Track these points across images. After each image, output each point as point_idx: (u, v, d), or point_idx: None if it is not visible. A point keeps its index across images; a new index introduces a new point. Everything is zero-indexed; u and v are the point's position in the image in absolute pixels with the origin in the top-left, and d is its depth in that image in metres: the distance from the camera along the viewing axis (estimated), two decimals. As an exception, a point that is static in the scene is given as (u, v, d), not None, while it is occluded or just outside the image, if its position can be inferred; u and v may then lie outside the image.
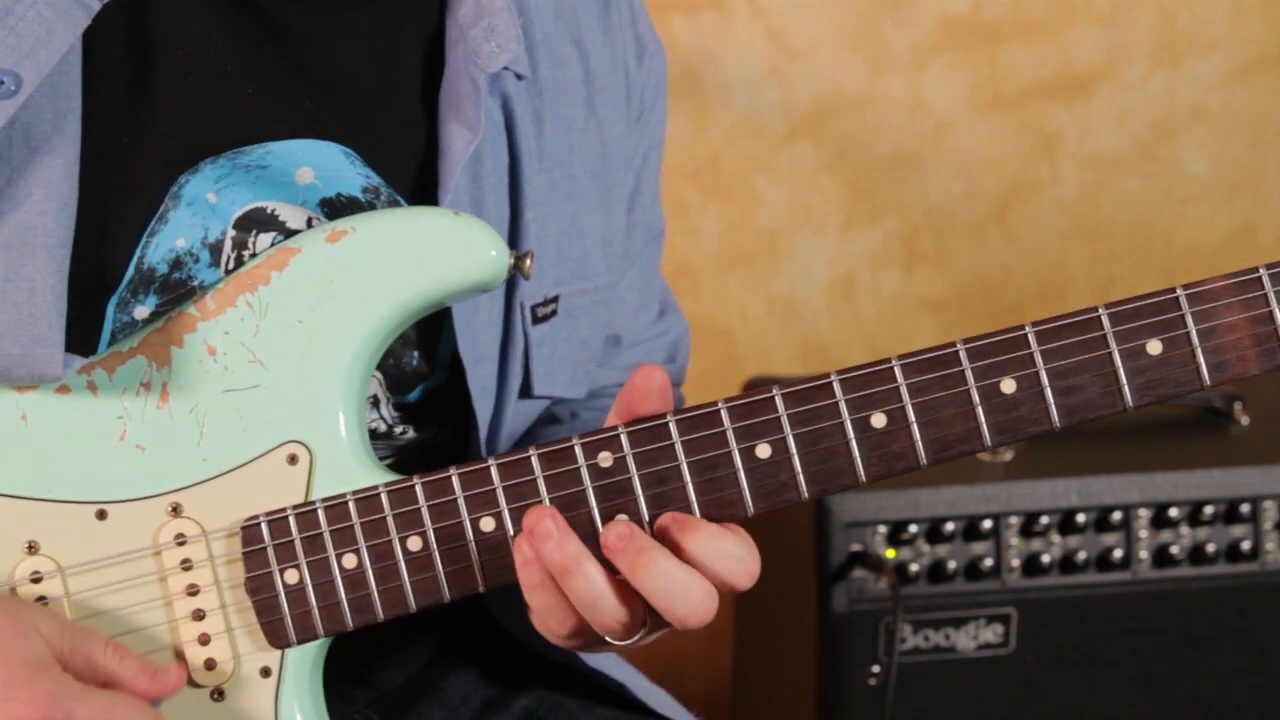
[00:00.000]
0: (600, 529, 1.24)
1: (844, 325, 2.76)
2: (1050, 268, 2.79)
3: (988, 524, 2.14)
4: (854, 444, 1.23)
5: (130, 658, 1.23)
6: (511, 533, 1.26)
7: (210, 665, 1.28)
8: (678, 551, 1.22)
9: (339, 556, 1.27)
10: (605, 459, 1.25)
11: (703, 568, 1.22)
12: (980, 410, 1.23)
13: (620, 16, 1.53)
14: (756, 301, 2.73)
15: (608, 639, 1.26)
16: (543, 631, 1.28)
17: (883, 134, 2.69)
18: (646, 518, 1.25)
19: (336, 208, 1.35)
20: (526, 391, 1.48)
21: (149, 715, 1.21)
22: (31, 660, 1.19)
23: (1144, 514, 2.17)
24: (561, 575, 1.22)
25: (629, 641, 1.26)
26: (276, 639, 1.28)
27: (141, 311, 1.31)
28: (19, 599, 1.27)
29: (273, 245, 1.31)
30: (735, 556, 1.23)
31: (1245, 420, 2.30)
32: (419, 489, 1.26)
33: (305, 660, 1.29)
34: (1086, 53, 2.71)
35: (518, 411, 1.48)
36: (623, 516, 1.24)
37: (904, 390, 1.23)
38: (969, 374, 1.23)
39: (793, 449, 1.24)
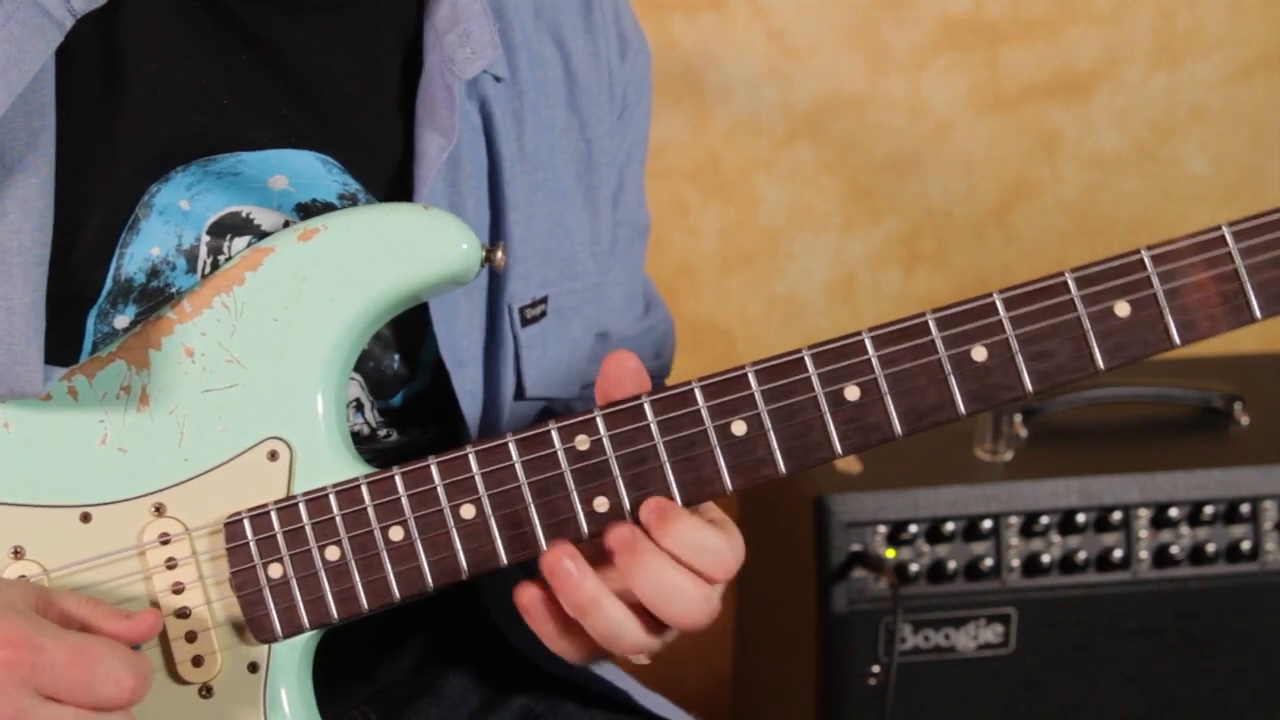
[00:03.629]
0: (580, 513, 1.26)
1: (844, 325, 2.75)
2: (1050, 268, 2.74)
3: (988, 524, 2.14)
4: (828, 417, 1.24)
5: (103, 606, 1.24)
6: (492, 519, 1.27)
7: (197, 662, 1.28)
8: (655, 540, 1.24)
9: (322, 549, 1.28)
10: (582, 442, 1.26)
11: (677, 559, 1.24)
12: (953, 379, 1.23)
13: (603, 14, 1.53)
14: (756, 301, 2.73)
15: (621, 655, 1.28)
16: (554, 651, 1.30)
17: (883, 134, 2.68)
18: (625, 499, 1.26)
19: (312, 213, 1.35)
20: (520, 394, 1.48)
21: (122, 653, 1.20)
22: (4, 604, 1.19)
23: (1144, 514, 2.17)
24: (582, 613, 1.24)
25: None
26: (262, 634, 1.28)
27: (121, 321, 1.32)
28: None
29: (248, 248, 1.32)
30: (712, 549, 1.24)
31: (1245, 420, 2.30)
32: (399, 479, 1.27)
33: (293, 655, 1.29)
34: (1086, 53, 2.70)
35: (513, 414, 1.48)
36: (626, 524, 1.25)
37: (875, 362, 1.24)
38: (939, 343, 1.24)
39: (768, 425, 1.25)
